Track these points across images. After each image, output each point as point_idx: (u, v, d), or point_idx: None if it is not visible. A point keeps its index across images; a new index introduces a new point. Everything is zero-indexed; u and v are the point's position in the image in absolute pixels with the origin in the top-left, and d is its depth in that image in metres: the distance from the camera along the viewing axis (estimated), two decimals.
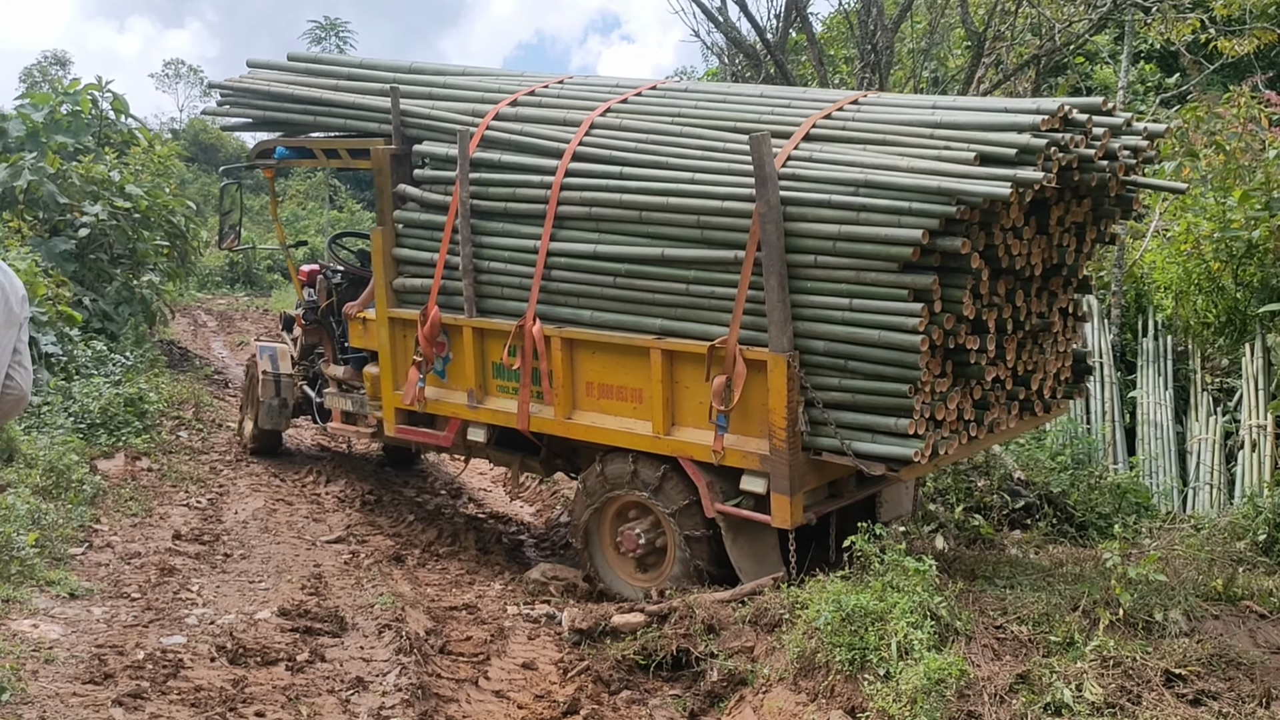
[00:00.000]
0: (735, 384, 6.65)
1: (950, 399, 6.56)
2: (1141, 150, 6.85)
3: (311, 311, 10.45)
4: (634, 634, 6.59)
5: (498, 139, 7.94)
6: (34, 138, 15.86)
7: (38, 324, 11.10)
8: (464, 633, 6.85)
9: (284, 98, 9.35)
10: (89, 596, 6.91)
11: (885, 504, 7.98)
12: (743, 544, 7.01)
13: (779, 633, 6.08)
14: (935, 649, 5.31)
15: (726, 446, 6.78)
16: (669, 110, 7.62)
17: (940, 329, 6.26)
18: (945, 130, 6.49)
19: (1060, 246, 7.03)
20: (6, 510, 7.25)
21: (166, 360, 15.70)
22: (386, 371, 8.69)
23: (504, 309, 7.88)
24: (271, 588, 7.51)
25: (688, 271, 6.97)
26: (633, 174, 7.24)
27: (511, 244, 7.79)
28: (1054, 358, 7.42)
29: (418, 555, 8.56)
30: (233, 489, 10.17)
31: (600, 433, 7.47)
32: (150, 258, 16.23)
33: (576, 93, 8.20)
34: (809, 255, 6.44)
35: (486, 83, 8.67)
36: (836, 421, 6.47)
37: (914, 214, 6.10)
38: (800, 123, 6.92)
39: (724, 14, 12.96)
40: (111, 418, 10.68)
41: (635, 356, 7.20)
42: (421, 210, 8.33)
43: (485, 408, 8.08)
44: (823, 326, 6.44)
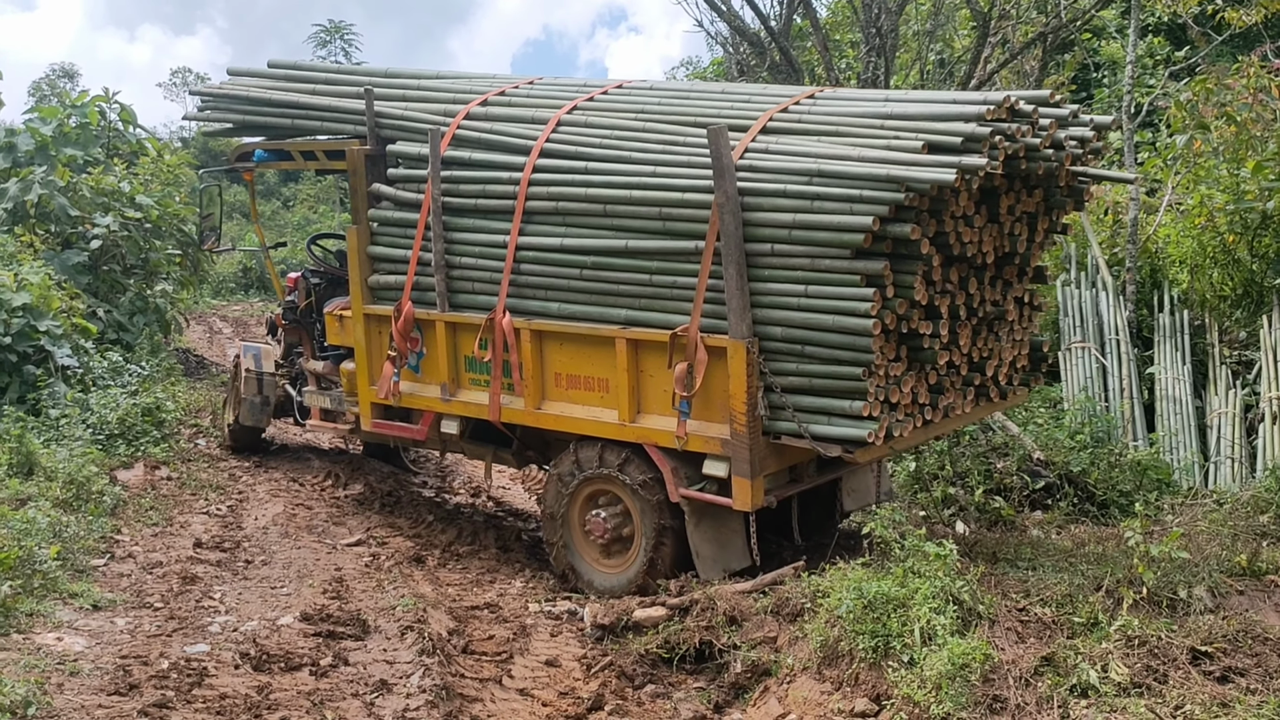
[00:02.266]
0: (697, 370, 6.82)
1: (904, 383, 6.75)
2: (1088, 141, 7.06)
3: (291, 311, 10.61)
4: (656, 628, 6.59)
5: (468, 138, 8.12)
6: (43, 151, 15.91)
7: (53, 337, 11.14)
8: (486, 632, 6.85)
9: (262, 102, 9.50)
10: (112, 608, 6.93)
11: (850, 493, 8.18)
12: (705, 529, 7.17)
13: (801, 622, 6.08)
14: (958, 634, 5.29)
15: (689, 432, 6.96)
16: (633, 107, 7.82)
17: (893, 314, 6.45)
18: (895, 121, 6.72)
19: (1012, 235, 7.20)
20: (28, 524, 7.27)
21: (182, 369, 15.74)
22: (362, 367, 8.87)
23: (475, 303, 8.06)
24: (293, 593, 7.53)
25: (650, 262, 7.17)
26: (597, 169, 7.44)
27: (482, 239, 7.96)
28: (1010, 346, 7.61)
29: (438, 555, 8.57)
30: (252, 495, 10.19)
31: (569, 422, 7.64)
32: (163, 267, 16.28)
33: (546, 93, 8.40)
34: (766, 244, 6.64)
35: (459, 84, 8.86)
36: (794, 405, 6.66)
37: (865, 201, 6.30)
38: (758, 116, 7.11)
39: (727, 3, 12.91)
40: (129, 428, 10.72)
41: (601, 347, 7.39)
42: (395, 208, 8.51)
43: (458, 400, 8.25)
44: (780, 313, 6.65)
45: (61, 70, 50.78)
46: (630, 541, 7.53)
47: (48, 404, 10.36)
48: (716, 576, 7.06)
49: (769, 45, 12.55)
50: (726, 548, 7.21)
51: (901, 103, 6.96)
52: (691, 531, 7.16)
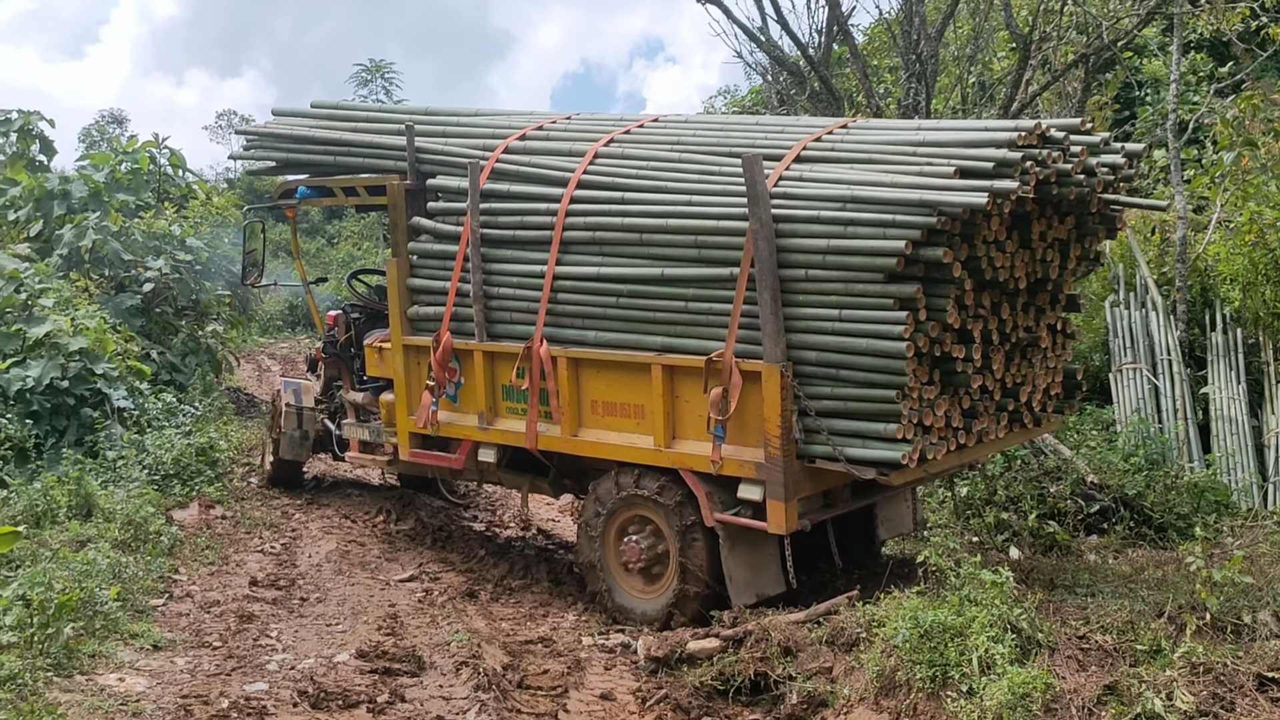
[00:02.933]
0: (732, 395, 6.88)
1: (938, 406, 6.78)
2: (1120, 168, 7.09)
3: (331, 345, 10.80)
4: (710, 659, 6.57)
5: (507, 170, 8.30)
6: (96, 197, 16.18)
7: (109, 380, 11.31)
8: (541, 666, 6.85)
9: (305, 140, 9.75)
10: (172, 647, 7.01)
11: (885, 521, 8.19)
12: (740, 554, 7.20)
13: (857, 652, 6.04)
14: (1018, 662, 5.24)
15: (724, 456, 7.01)
16: (669, 139, 7.97)
17: (926, 337, 6.52)
18: (927, 148, 6.80)
19: (1044, 261, 7.25)
20: (88, 565, 7.36)
21: (234, 407, 15.92)
22: (401, 397, 9.01)
23: (513, 332, 8.19)
24: (348, 629, 7.57)
25: (686, 289, 7.28)
26: (634, 199, 7.59)
27: (520, 269, 8.11)
28: (1043, 373, 7.63)
29: (491, 590, 8.59)
30: (305, 532, 10.27)
31: (605, 448, 7.75)
32: (213, 308, 16.51)
33: (583, 127, 8.58)
34: (800, 269, 6.73)
35: (498, 120, 9.09)
36: (829, 429, 6.71)
37: (897, 226, 6.38)
38: (792, 146, 7.25)
39: (765, 33, 12.96)
40: (184, 468, 10.85)
41: (637, 373, 7.49)
42: (434, 241, 8.69)
43: (495, 429, 8.37)
44: (814, 337, 6.72)
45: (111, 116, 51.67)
46: (665, 567, 7.56)
47: (105, 446, 10.51)
48: (749, 601, 7.11)
49: (808, 74, 12.57)
50: (761, 573, 7.25)
51: (934, 131, 7.10)
52: (726, 556, 7.19)
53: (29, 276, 12.10)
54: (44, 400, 10.76)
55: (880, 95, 14.70)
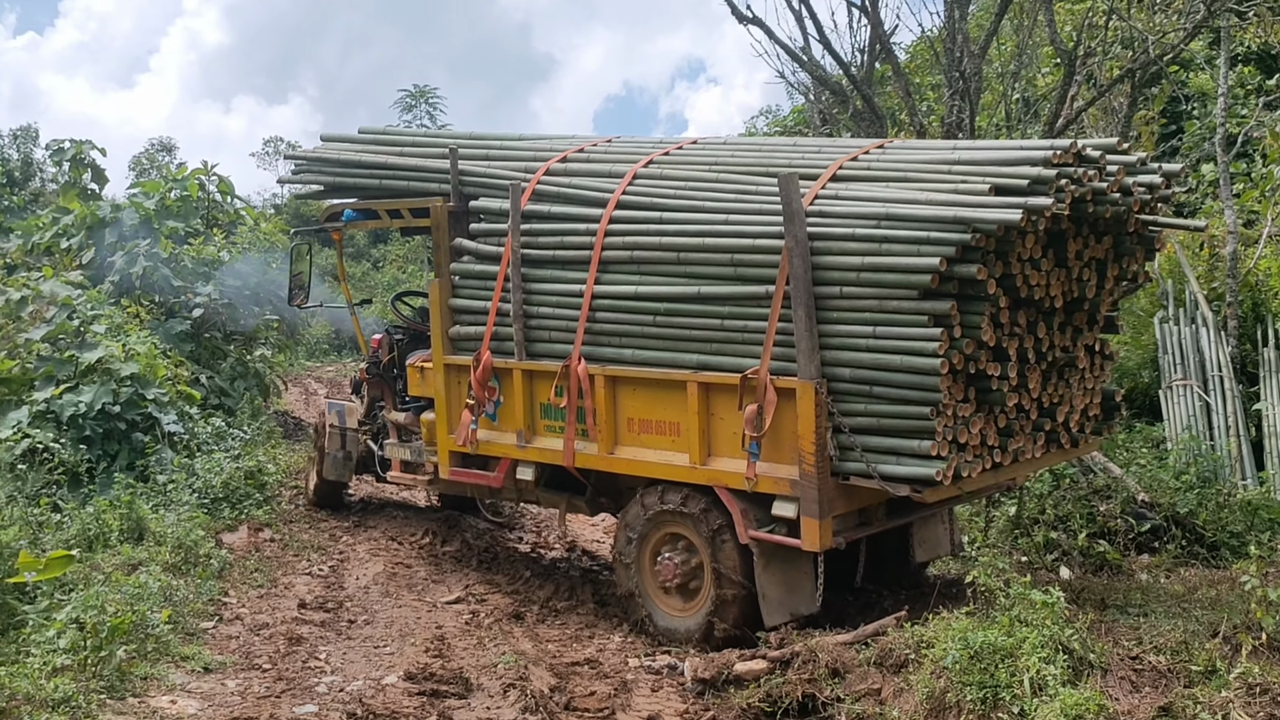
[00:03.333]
0: (766, 412, 6.93)
1: (973, 424, 6.77)
2: (1157, 188, 7.10)
3: (375, 365, 10.97)
4: (757, 681, 6.54)
5: (548, 192, 8.44)
6: (147, 224, 16.41)
7: (160, 405, 11.45)
8: (588, 688, 6.85)
9: (352, 164, 9.93)
10: (222, 670, 7.07)
11: (921, 543, 8.17)
12: (774, 572, 7.21)
13: (906, 673, 5.99)
14: (1070, 684, 5.18)
15: (759, 473, 7.05)
16: (707, 160, 8.11)
17: (960, 354, 6.53)
18: (963, 166, 6.87)
19: (1080, 281, 7.25)
20: (140, 589, 7.45)
21: (282, 431, 16.05)
22: (442, 416, 9.12)
23: (551, 351, 8.30)
24: (396, 651, 7.61)
25: (722, 307, 7.35)
26: (672, 218, 7.70)
27: (559, 289, 8.23)
28: (1081, 394, 7.59)
29: (537, 611, 8.60)
30: (352, 555, 10.33)
31: (641, 466, 7.84)
32: (261, 332, 16.68)
33: (623, 149, 8.74)
34: (835, 287, 6.78)
35: (540, 144, 9.22)
36: (863, 446, 6.72)
37: (932, 242, 6.42)
38: (828, 165, 7.33)
39: (807, 52, 12.95)
40: (233, 491, 10.94)
41: (673, 391, 7.56)
42: (476, 261, 8.81)
43: (533, 447, 8.45)
44: (849, 354, 6.76)
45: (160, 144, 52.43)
46: (699, 584, 7.59)
47: (155, 470, 10.63)
48: (782, 620, 7.13)
49: (851, 93, 12.56)
50: (795, 592, 7.27)
51: (969, 150, 7.16)
52: (759, 574, 7.20)
53: (81, 303, 12.28)
54: (96, 425, 10.90)
55: (923, 113, 14.66)
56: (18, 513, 8.66)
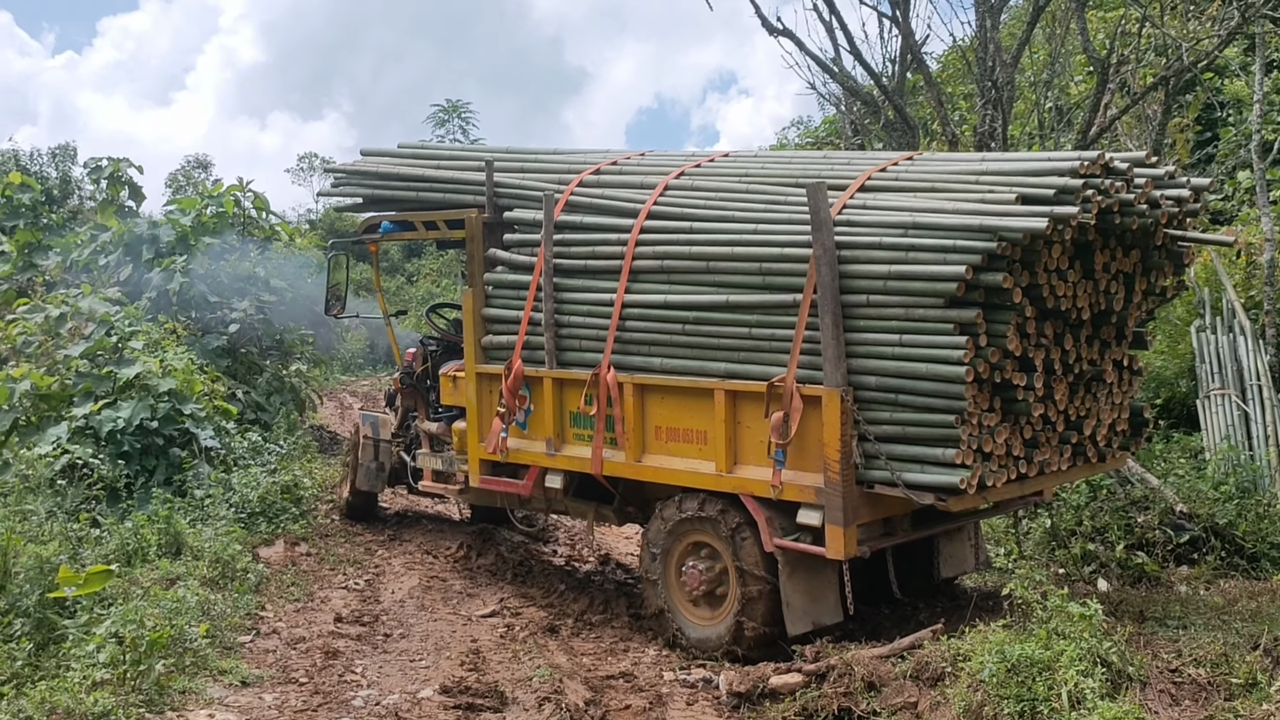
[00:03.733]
0: (792, 419, 6.98)
1: (998, 433, 6.79)
2: (1185, 201, 7.14)
3: (408, 376, 11.16)
4: (793, 694, 6.52)
5: (581, 203, 8.61)
6: (183, 241, 16.58)
7: (197, 420, 11.55)
8: (623, 701, 6.85)
9: (390, 176, 10.14)
10: (260, 684, 7.11)
11: (947, 559, 8.21)
12: (799, 580, 7.26)
13: (942, 687, 5.96)
14: (1109, 697, 5.15)
15: (784, 481, 7.11)
16: (737, 171, 8.22)
17: (985, 362, 6.56)
18: (990, 177, 6.94)
19: (1108, 293, 7.23)
20: (178, 603, 7.50)
21: (317, 445, 16.15)
22: (473, 425, 9.25)
23: (582, 360, 8.41)
24: (432, 665, 7.63)
25: (750, 316, 7.43)
26: (701, 228, 7.81)
27: (590, 298, 8.38)
28: (1109, 408, 7.58)
29: (571, 625, 8.61)
30: (388, 568, 10.38)
31: (668, 474, 7.90)
32: (296, 347, 16.81)
33: (656, 162, 8.90)
34: (862, 295, 6.85)
35: (574, 157, 9.42)
36: (888, 454, 6.76)
37: (958, 250, 6.48)
38: (857, 176, 7.41)
39: (838, 63, 12.95)
40: (270, 505, 11.01)
41: (700, 399, 7.64)
42: (509, 271, 8.98)
43: (562, 455, 8.58)
44: (875, 362, 6.81)
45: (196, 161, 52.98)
46: (725, 593, 7.63)
47: (193, 485, 10.71)
48: (806, 629, 7.20)
49: (882, 103, 12.54)
50: (819, 601, 7.31)
51: (997, 161, 7.22)
52: (784, 582, 7.23)
53: (119, 320, 12.40)
54: (134, 441, 11.00)
55: (955, 123, 14.62)
56: (58, 528, 8.76)
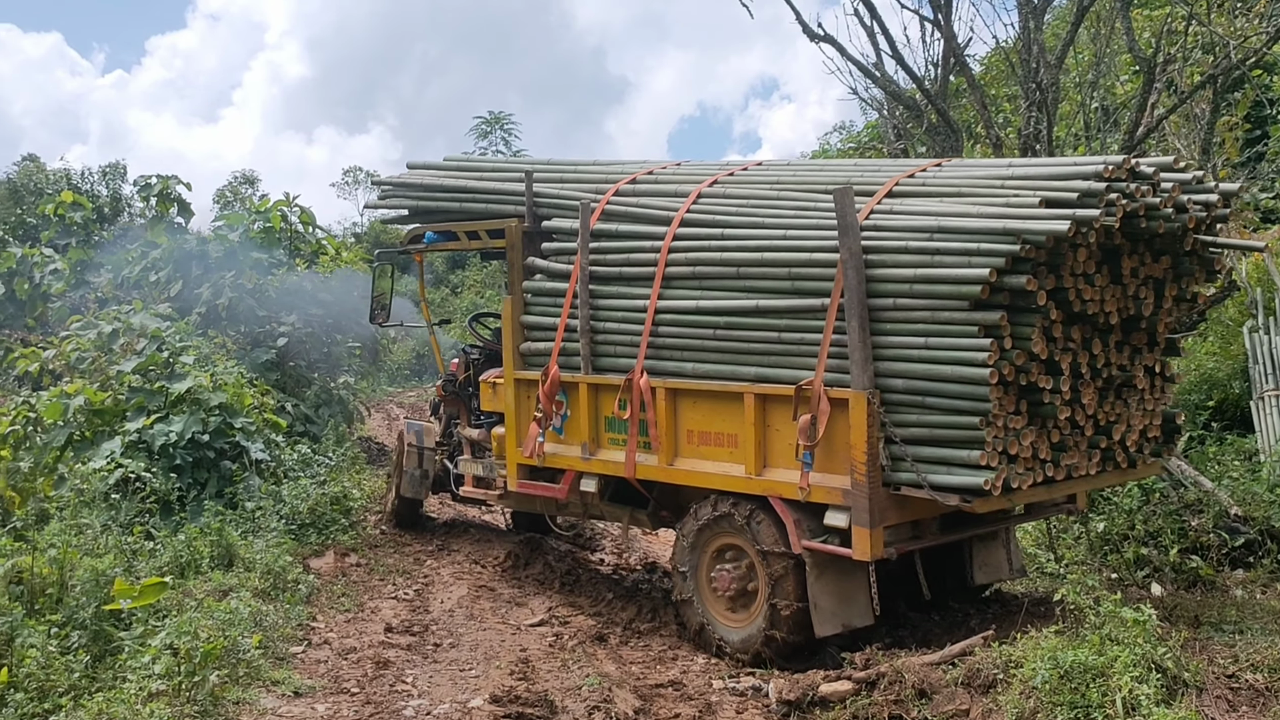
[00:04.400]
0: (820, 421, 7.09)
1: (1024, 436, 6.84)
2: (1213, 206, 7.17)
3: (451, 383, 11.40)
4: (843, 702, 6.50)
5: (616, 211, 8.77)
6: (231, 256, 16.79)
7: (247, 433, 11.67)
8: (672, 710, 6.85)
9: (434, 188, 10.34)
10: (312, 694, 7.17)
11: (981, 566, 8.24)
12: (827, 582, 7.34)
13: (994, 694, 5.92)
14: (1164, 703, 5.09)
15: (812, 483, 7.22)
16: (769, 179, 8.37)
17: (1010, 365, 6.62)
18: (1015, 181, 7.01)
19: (1136, 298, 7.27)
20: (231, 614, 7.57)
21: (365, 457, 16.26)
22: (511, 430, 9.52)
23: (616, 365, 8.62)
24: (481, 675, 7.66)
25: (780, 320, 7.56)
26: (733, 234, 7.94)
27: (624, 304, 8.57)
28: (1140, 414, 7.59)
29: (620, 633, 8.61)
30: (437, 578, 10.43)
31: (699, 477, 8.05)
32: (344, 360, 16.95)
33: (690, 171, 9.06)
34: (888, 299, 6.96)
35: (611, 168, 9.59)
36: (914, 456, 6.84)
37: (982, 254, 6.58)
38: (885, 182, 7.52)
39: (880, 68, 12.90)
40: (319, 517, 11.11)
41: (731, 403, 7.78)
42: (547, 279, 9.20)
43: (597, 459, 8.78)
44: (901, 365, 6.90)
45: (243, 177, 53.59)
46: (755, 594, 7.74)
47: (244, 497, 10.83)
48: (835, 631, 7.32)
49: (925, 107, 12.48)
50: (848, 603, 7.39)
51: (1024, 167, 7.32)
52: (812, 584, 7.31)
53: (170, 335, 12.57)
54: (186, 454, 11.14)
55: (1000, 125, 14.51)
56: (113, 541, 8.87)
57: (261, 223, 18.33)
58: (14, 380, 16.09)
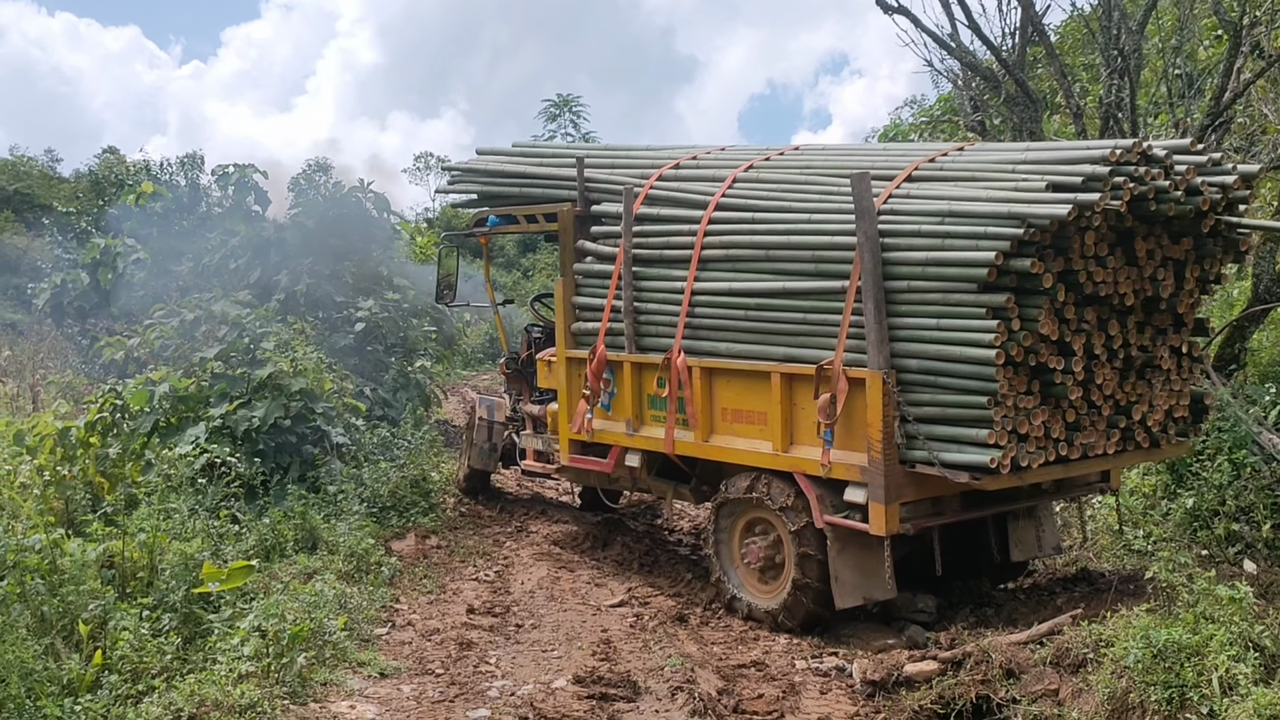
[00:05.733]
0: (839, 400, 7.36)
1: (1034, 415, 7.02)
2: (1230, 188, 7.24)
3: (513, 360, 11.96)
4: (928, 683, 6.44)
5: (658, 196, 9.09)
6: (309, 243, 16.95)
7: (328, 417, 11.81)
8: (755, 690, 6.83)
9: (498, 174, 10.78)
10: (397, 675, 7.25)
11: (1018, 543, 8.34)
12: (848, 556, 7.59)
13: (1084, 673, 5.83)
14: (1263, 683, 4.98)
15: (832, 460, 7.51)
16: (800, 164, 8.67)
17: (1019, 346, 6.81)
18: (1026, 166, 7.21)
19: (1154, 280, 7.37)
20: (316, 597, 7.67)
21: (443, 440, 16.39)
22: (563, 406, 9.97)
23: (658, 345, 8.96)
24: (563, 655, 7.70)
25: (805, 302, 7.85)
26: (763, 218, 8.22)
27: (664, 286, 8.91)
28: (1165, 395, 7.72)
29: (700, 614, 8.60)
30: (516, 560, 10.49)
31: (732, 453, 8.39)
32: (420, 344, 17.09)
33: (731, 156, 9.38)
34: (903, 281, 7.17)
35: (660, 153, 9.95)
36: (928, 434, 7.07)
37: (989, 237, 6.78)
38: (906, 167, 7.76)
39: (955, 39, 12.67)
40: (400, 500, 11.25)
41: (760, 381, 8.09)
42: (596, 261, 9.57)
43: (640, 435, 9.17)
44: (915, 346, 7.13)
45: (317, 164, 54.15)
46: (783, 566, 8.06)
47: (325, 481, 10.97)
48: (855, 603, 7.61)
49: (1003, 78, 12.25)
50: (870, 576, 7.55)
51: (1039, 151, 7.52)
52: (833, 558, 7.58)
53: (250, 322, 12.75)
54: (269, 439, 11.29)
55: (1078, 94, 14.21)
56: (200, 525, 9.03)
57: (336, 209, 18.51)
58: (100, 368, 16.40)
